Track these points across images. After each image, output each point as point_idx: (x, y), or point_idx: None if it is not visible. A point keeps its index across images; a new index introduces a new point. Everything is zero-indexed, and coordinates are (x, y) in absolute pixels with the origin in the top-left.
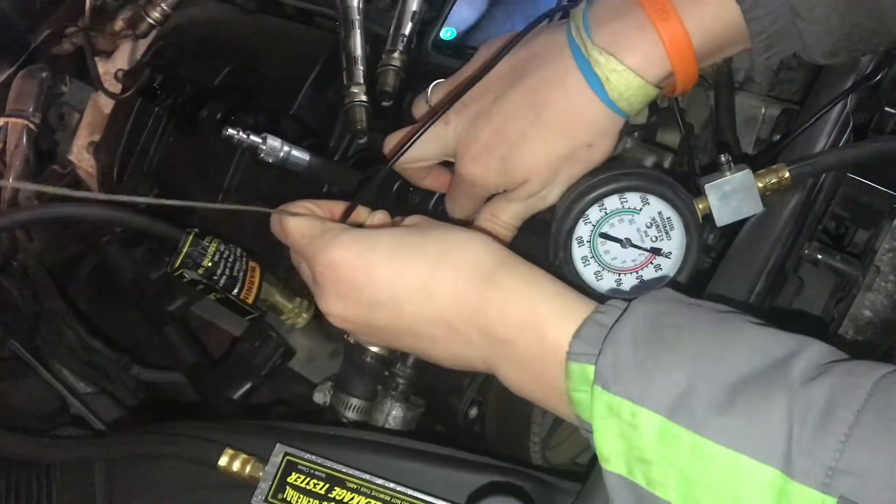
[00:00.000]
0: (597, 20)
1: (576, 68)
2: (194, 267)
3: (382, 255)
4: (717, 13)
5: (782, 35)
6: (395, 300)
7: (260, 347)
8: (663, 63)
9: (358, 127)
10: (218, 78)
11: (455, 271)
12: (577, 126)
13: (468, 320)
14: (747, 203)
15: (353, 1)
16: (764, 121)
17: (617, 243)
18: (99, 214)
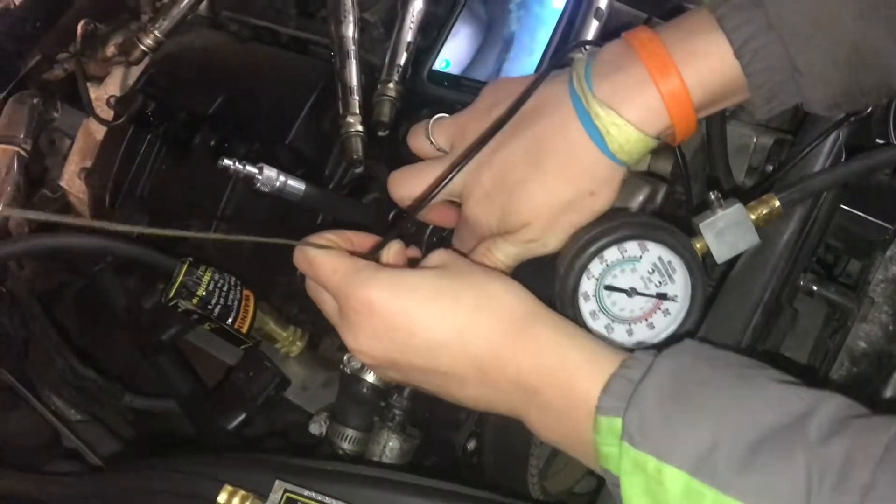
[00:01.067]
0: (598, 72)
1: (577, 119)
2: (189, 297)
3: (421, 300)
4: (717, 67)
5: (782, 88)
6: (431, 345)
7: (255, 377)
8: (663, 117)
9: (354, 157)
10: (212, 106)
11: (491, 322)
12: (579, 174)
13: (500, 369)
14: (743, 237)
15: (349, 31)
16: (755, 149)
17: (623, 294)
18: (94, 245)
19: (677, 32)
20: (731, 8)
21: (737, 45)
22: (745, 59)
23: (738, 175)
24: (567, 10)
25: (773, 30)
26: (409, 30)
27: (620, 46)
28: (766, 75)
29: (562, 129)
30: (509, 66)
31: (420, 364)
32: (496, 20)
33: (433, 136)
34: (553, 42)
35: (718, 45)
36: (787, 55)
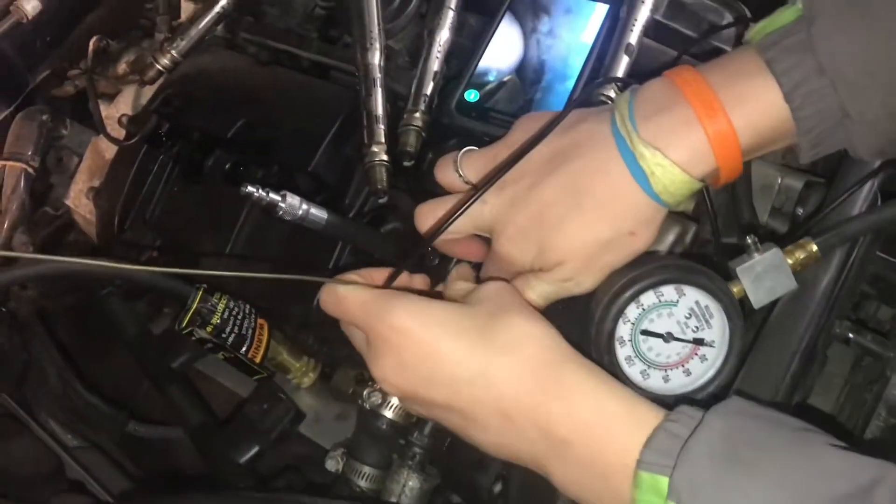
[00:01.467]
0: (641, 112)
1: (620, 159)
2: (203, 325)
3: (449, 333)
4: (765, 111)
5: (830, 134)
6: (455, 380)
7: (269, 410)
8: (709, 160)
9: (379, 186)
10: (231, 129)
11: (520, 364)
12: (620, 214)
13: (527, 415)
14: (780, 282)
15: (375, 59)
16: (780, 190)
17: (659, 339)
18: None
19: (724, 74)
20: (781, 51)
21: (787, 89)
22: (795, 103)
23: (762, 216)
24: (597, 45)
25: (825, 75)
26: (435, 59)
27: (664, 86)
28: (816, 120)
29: (603, 167)
30: (537, 99)
31: (441, 400)
32: (524, 54)
33: (462, 168)
34: (582, 76)
35: (767, 88)
36: (837, 101)
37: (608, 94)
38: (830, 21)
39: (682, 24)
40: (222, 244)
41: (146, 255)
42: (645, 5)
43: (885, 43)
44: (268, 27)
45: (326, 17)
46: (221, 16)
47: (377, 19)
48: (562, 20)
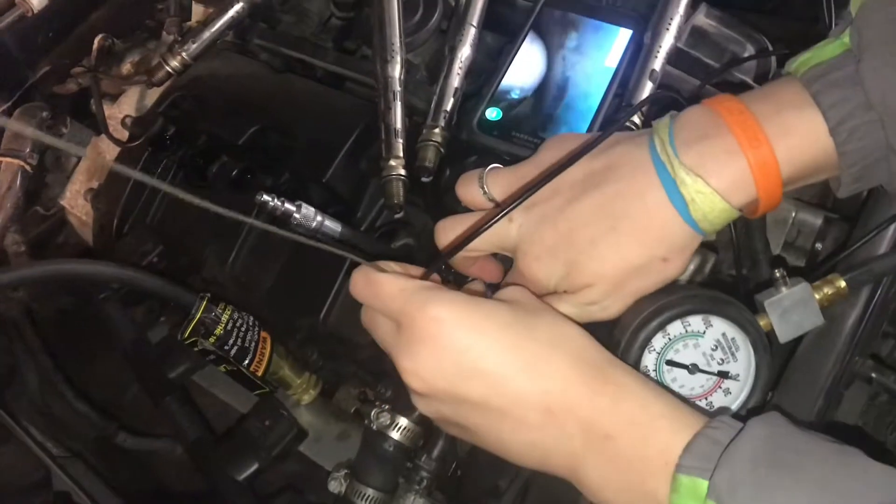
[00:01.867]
0: (682, 139)
1: (659, 184)
2: (206, 335)
3: (496, 324)
4: (810, 144)
5: (873, 169)
6: (498, 375)
7: (271, 427)
8: (750, 189)
9: (395, 201)
10: (243, 136)
11: (567, 359)
12: (655, 239)
13: (570, 409)
14: (808, 317)
15: (395, 72)
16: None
17: (684, 370)
18: (112, 275)
19: (767, 104)
20: (828, 84)
21: (833, 123)
22: (841, 137)
23: (775, 249)
24: (620, 70)
25: (873, 110)
26: (456, 75)
27: (705, 113)
28: (860, 155)
29: (641, 192)
30: (560, 122)
31: (478, 396)
32: (547, 75)
33: (487, 186)
34: (606, 101)
35: (813, 121)
36: (884, 137)
37: (632, 119)
38: (880, 55)
39: (704, 52)
40: (225, 253)
41: (147, 261)
42: (669, 32)
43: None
44: (281, 34)
45: (342, 27)
46: (234, 20)
47: (399, 31)
48: (585, 43)
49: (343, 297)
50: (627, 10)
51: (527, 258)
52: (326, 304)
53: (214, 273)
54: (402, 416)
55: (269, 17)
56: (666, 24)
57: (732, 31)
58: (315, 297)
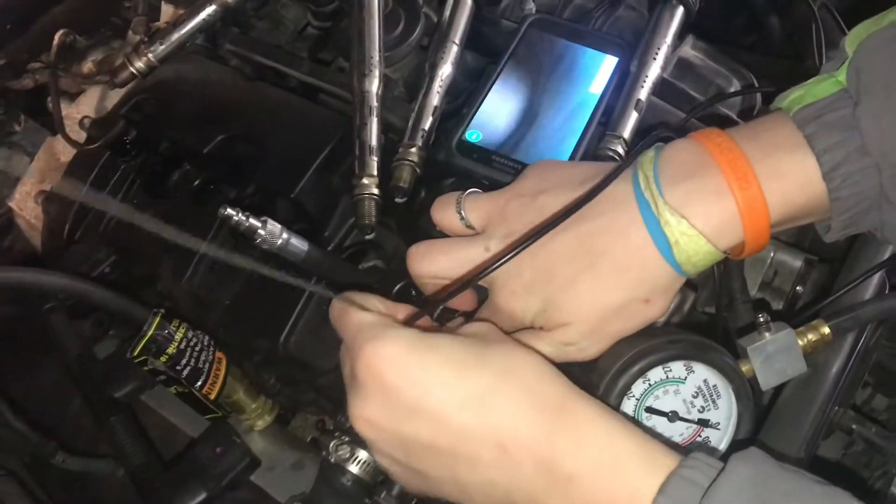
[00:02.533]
0: (668, 176)
1: (641, 223)
2: (158, 354)
3: (440, 358)
4: (801, 188)
5: (863, 216)
6: (444, 407)
7: (223, 454)
8: (737, 232)
9: (366, 221)
10: (208, 145)
11: (522, 391)
12: (635, 280)
13: (527, 446)
14: (791, 364)
15: (373, 87)
16: (771, 264)
17: (664, 417)
18: (56, 284)
19: (758, 143)
20: (823, 127)
21: (826, 168)
22: (835, 183)
23: (751, 289)
24: (605, 97)
25: (869, 156)
26: (436, 94)
27: (692, 149)
28: (853, 202)
29: (624, 230)
30: (542, 147)
31: (425, 437)
32: (530, 98)
33: (465, 211)
34: (589, 128)
35: (805, 164)
36: (879, 185)
37: (615, 148)
38: (879, 100)
39: (689, 85)
40: (183, 267)
41: (98, 271)
42: (656, 62)
43: None
44: (255, 41)
45: (319, 37)
46: (206, 23)
47: (378, 45)
48: (570, 69)
49: (305, 320)
50: (614, 37)
51: (504, 292)
52: (287, 327)
53: (170, 287)
54: (363, 449)
55: (243, 21)
56: (653, 54)
57: (719, 65)
58: (275, 318)
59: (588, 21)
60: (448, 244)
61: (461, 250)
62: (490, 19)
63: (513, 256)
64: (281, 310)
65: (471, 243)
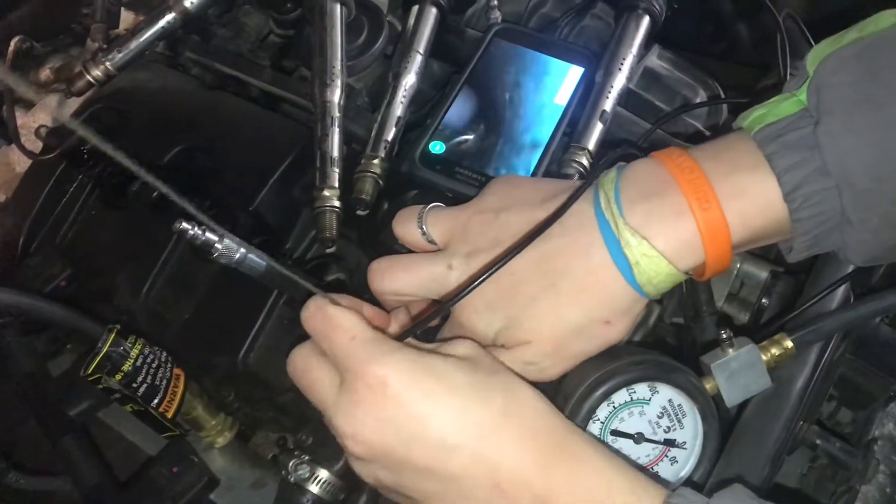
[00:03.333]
0: (629, 196)
1: (602, 244)
2: (112, 371)
3: (445, 391)
4: (762, 209)
5: (826, 237)
6: (444, 443)
7: (180, 474)
8: (697, 254)
9: (328, 234)
10: (167, 155)
11: (521, 430)
12: (597, 301)
13: (523, 484)
14: (755, 379)
15: (335, 97)
16: (737, 275)
17: (629, 440)
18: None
19: (719, 163)
20: (783, 146)
21: (787, 189)
22: (795, 203)
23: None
24: (570, 108)
25: (830, 177)
26: (400, 104)
27: (653, 169)
28: (814, 223)
29: (584, 250)
30: (507, 159)
31: (422, 464)
32: (494, 109)
33: (427, 226)
34: (554, 140)
35: (766, 184)
36: (840, 206)
37: (580, 160)
38: (840, 121)
39: (656, 95)
40: (140, 281)
41: (53, 285)
42: (622, 73)
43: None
44: (216, 49)
45: (281, 45)
46: (166, 31)
47: (340, 54)
48: (535, 79)
49: (265, 336)
50: (580, 48)
51: (466, 310)
52: (247, 343)
53: (126, 302)
54: (323, 469)
55: (204, 29)
56: (618, 64)
57: (684, 75)
58: (235, 334)
59: (554, 31)
60: (409, 261)
61: (423, 268)
62: (455, 28)
63: (482, 281)
64: (240, 325)
65: (433, 260)
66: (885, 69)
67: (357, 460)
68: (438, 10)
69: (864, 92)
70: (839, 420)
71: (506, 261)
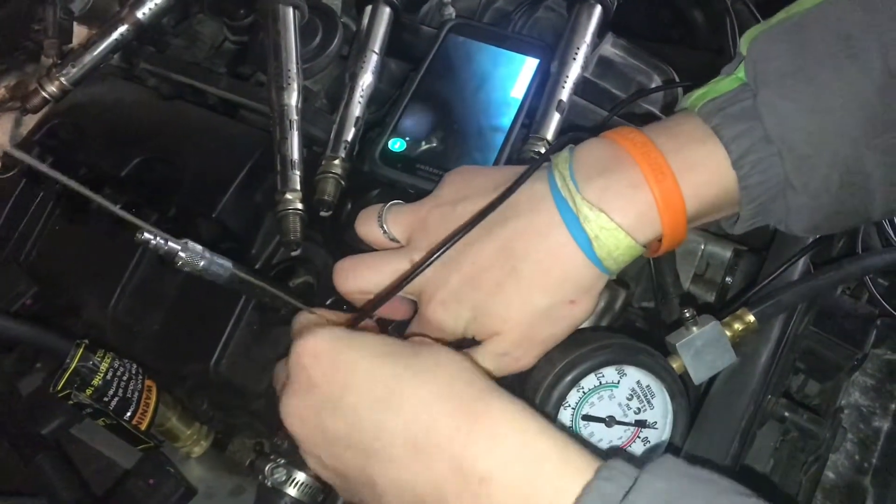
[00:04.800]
0: (584, 174)
1: (560, 222)
2: (82, 387)
3: (356, 356)
4: (713, 179)
5: (770, 205)
6: (356, 405)
7: (156, 486)
8: (654, 225)
9: (291, 237)
10: (126, 168)
11: (438, 386)
12: (558, 281)
13: (441, 445)
14: (720, 356)
15: (292, 100)
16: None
17: (601, 423)
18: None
19: (669, 137)
20: (727, 118)
21: (735, 156)
22: (743, 170)
23: (684, 282)
24: (527, 101)
25: (772, 144)
26: (357, 104)
27: (606, 146)
28: (761, 189)
29: (542, 230)
30: (466, 153)
31: (344, 430)
32: (452, 104)
33: (388, 224)
34: (513, 132)
35: (716, 155)
36: (783, 171)
37: (540, 150)
38: (775, 89)
39: (611, 83)
40: (107, 294)
41: (19, 304)
42: (576, 62)
43: (831, 114)
44: (171, 59)
45: (236, 52)
46: (119, 43)
47: (295, 57)
48: (491, 73)
49: (235, 342)
50: (534, 39)
51: (432, 303)
52: (217, 350)
53: (94, 316)
54: (300, 471)
55: (158, 40)
56: (572, 54)
57: (638, 62)
58: (205, 342)
59: (507, 24)
60: (373, 258)
61: (387, 264)
62: (410, 26)
63: (430, 263)
64: (210, 333)
65: (396, 256)
66: (811, 43)
67: (301, 447)
68: (392, 8)
69: (795, 64)
70: (807, 392)
71: (448, 246)
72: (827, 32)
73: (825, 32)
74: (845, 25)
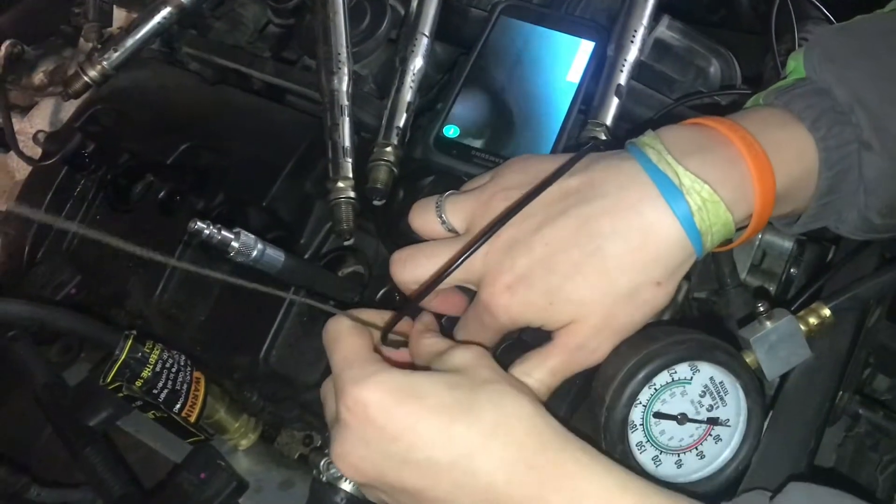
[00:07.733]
0: (679, 150)
1: (657, 195)
2: (132, 379)
3: (428, 410)
4: (798, 159)
5: (844, 179)
6: (434, 463)
7: (208, 480)
8: (749, 201)
9: (344, 226)
10: (172, 154)
11: (513, 448)
12: (650, 258)
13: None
14: (795, 351)
15: (343, 85)
16: (759, 246)
17: (672, 421)
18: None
19: (752, 122)
20: (795, 97)
21: (809, 122)
22: (821, 132)
23: (741, 272)
24: (583, 85)
25: (844, 114)
26: (409, 89)
27: (694, 129)
28: (839, 156)
29: (634, 207)
30: (523, 139)
31: (412, 486)
32: (506, 88)
33: (446, 214)
34: (570, 118)
35: (797, 133)
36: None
37: (598, 136)
38: (841, 63)
39: (668, 67)
40: (152, 284)
41: (64, 293)
42: (634, 45)
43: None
44: (214, 43)
45: (281, 35)
46: (162, 27)
47: (345, 41)
48: (545, 56)
49: (285, 333)
50: (588, 21)
51: (495, 289)
52: (267, 341)
53: (139, 306)
54: None
55: (200, 23)
56: (630, 37)
57: (696, 45)
58: (254, 332)
59: (560, 5)
60: (432, 247)
61: (444, 252)
62: (459, 8)
63: (485, 241)
64: (259, 324)
65: (456, 243)
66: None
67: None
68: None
69: (856, 46)
70: (875, 387)
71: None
72: (875, 28)
73: (874, 28)
74: (889, 24)
